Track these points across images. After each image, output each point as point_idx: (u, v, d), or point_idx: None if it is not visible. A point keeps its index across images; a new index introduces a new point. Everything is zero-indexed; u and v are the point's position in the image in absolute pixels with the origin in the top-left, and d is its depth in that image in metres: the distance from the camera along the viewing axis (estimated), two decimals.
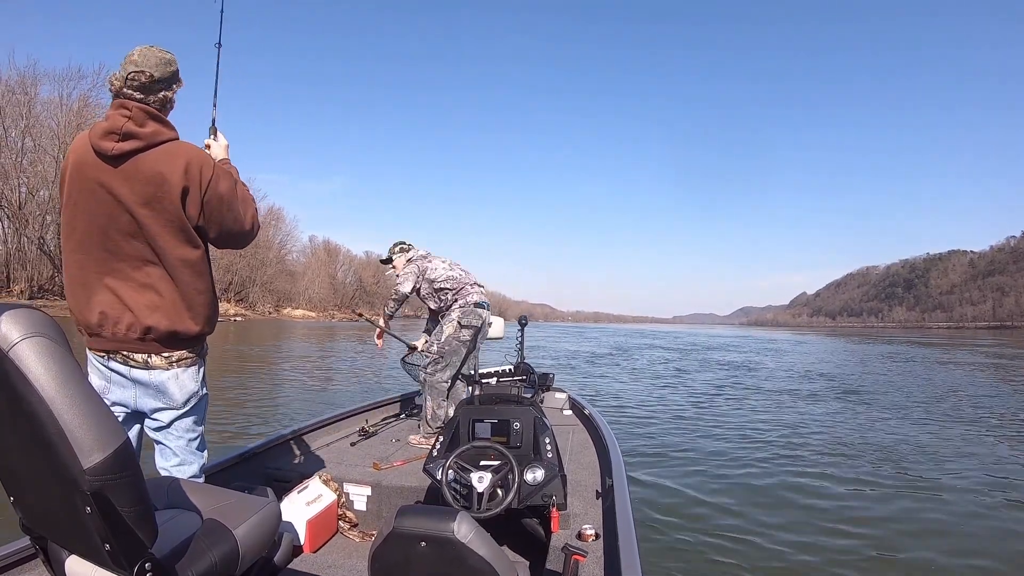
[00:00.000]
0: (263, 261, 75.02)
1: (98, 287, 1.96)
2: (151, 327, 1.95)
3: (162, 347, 2.00)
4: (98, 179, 1.90)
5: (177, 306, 1.98)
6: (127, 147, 1.89)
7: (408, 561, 1.59)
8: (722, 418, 8.97)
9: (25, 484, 1.31)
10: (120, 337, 1.96)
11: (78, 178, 1.94)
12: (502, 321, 4.20)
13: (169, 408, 2.06)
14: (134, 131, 1.89)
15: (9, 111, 45.15)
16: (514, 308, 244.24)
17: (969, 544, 4.12)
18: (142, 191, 1.90)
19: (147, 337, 1.96)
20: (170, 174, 1.91)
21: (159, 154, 1.93)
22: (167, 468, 2.11)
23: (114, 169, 1.90)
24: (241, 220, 2.10)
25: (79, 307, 1.98)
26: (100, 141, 1.88)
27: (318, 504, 2.87)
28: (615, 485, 2.77)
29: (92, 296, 1.96)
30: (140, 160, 1.91)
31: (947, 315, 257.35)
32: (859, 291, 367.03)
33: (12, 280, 43.88)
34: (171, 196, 1.92)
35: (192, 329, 2.03)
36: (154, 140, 1.93)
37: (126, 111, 1.91)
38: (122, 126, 1.88)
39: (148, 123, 1.93)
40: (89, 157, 1.91)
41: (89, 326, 1.97)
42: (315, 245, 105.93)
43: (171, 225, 1.94)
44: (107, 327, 1.95)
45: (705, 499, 4.92)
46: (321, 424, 4.19)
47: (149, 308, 1.95)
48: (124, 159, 1.89)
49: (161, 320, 1.96)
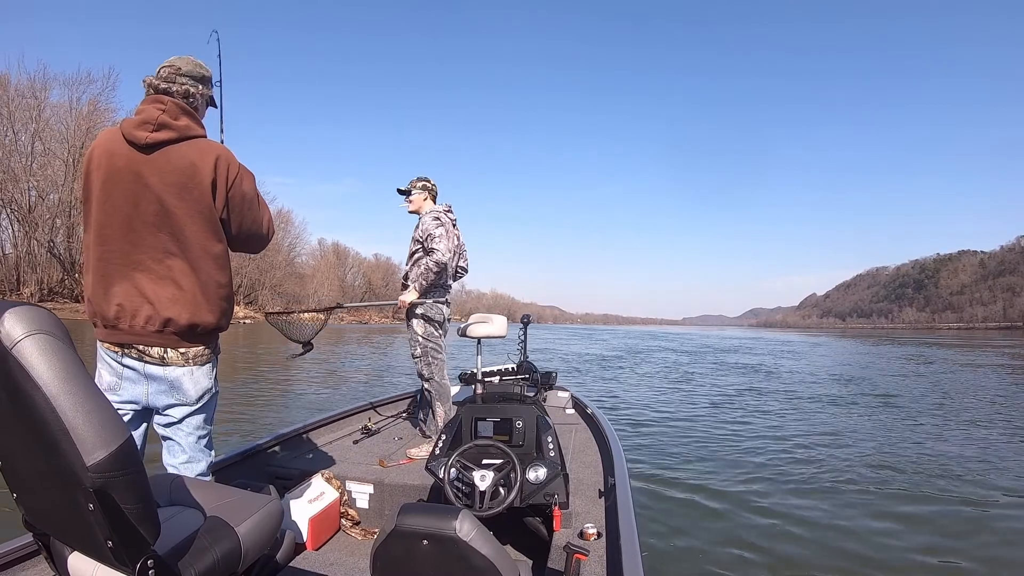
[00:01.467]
0: (272, 264, 75.46)
1: (118, 279, 1.97)
2: (171, 319, 1.97)
3: (180, 341, 2.01)
4: (129, 168, 1.95)
5: (197, 299, 2.00)
6: (161, 137, 1.95)
7: (410, 559, 1.60)
8: (727, 419, 8.94)
9: (28, 481, 1.31)
10: (137, 330, 1.97)
11: (107, 167, 1.97)
12: (505, 320, 4.18)
13: (182, 404, 2.07)
14: (168, 122, 1.97)
15: (19, 115, 45.70)
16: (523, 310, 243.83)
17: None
18: (174, 180, 1.94)
19: (166, 330, 1.98)
20: (202, 165, 1.97)
21: (190, 146, 1.99)
22: (175, 465, 2.11)
23: (146, 157, 1.95)
24: (259, 222, 2.17)
25: (97, 298, 2.00)
26: (134, 130, 1.95)
27: (320, 502, 2.88)
28: (617, 484, 2.77)
29: (111, 287, 1.98)
30: (172, 150, 1.97)
31: (957, 316, 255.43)
32: (869, 292, 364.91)
33: (22, 283, 44.28)
34: (202, 187, 1.96)
35: (210, 323, 2.05)
36: (186, 133, 2.00)
37: (161, 105, 1.99)
38: (157, 117, 1.96)
39: (181, 117, 2.01)
40: (120, 147, 1.97)
41: (106, 318, 1.99)
42: (324, 248, 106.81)
43: (200, 216, 1.98)
44: (124, 320, 1.97)
45: (707, 499, 4.90)
46: (324, 422, 4.20)
47: (170, 300, 1.97)
48: (156, 148, 1.96)
49: (182, 312, 1.97)
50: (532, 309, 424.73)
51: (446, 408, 3.86)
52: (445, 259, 3.77)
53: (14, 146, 45.56)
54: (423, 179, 4.07)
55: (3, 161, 44.27)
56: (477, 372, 4.26)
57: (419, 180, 4.06)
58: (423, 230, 3.88)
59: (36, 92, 47.23)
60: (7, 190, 44.44)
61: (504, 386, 3.45)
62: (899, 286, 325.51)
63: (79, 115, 47.65)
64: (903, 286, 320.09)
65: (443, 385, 3.94)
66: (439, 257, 3.74)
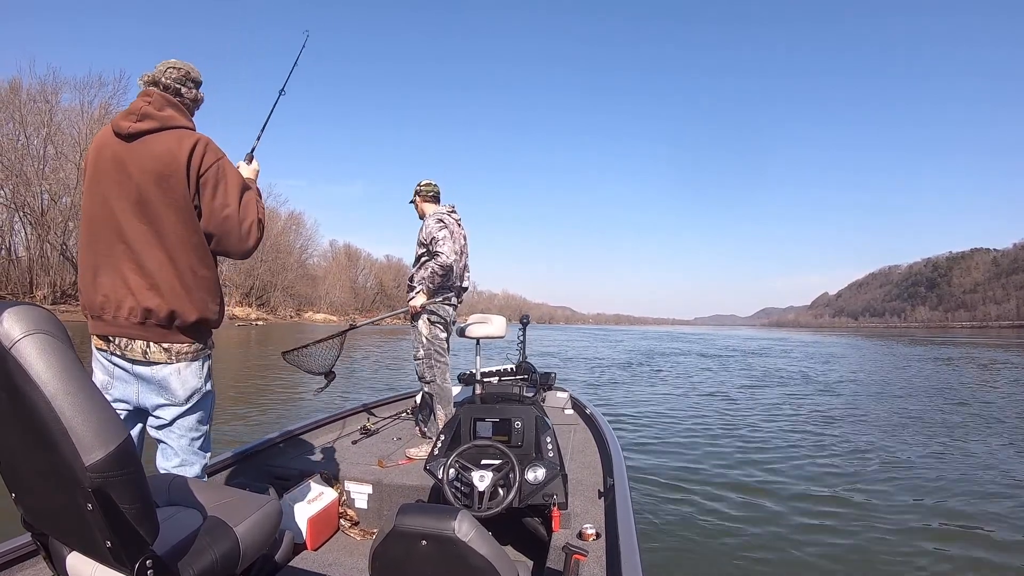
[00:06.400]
0: (284, 265, 75.90)
1: (104, 269, 2.00)
2: (151, 310, 1.96)
3: (163, 334, 2.00)
4: (115, 159, 2.00)
5: (176, 289, 1.99)
6: (143, 126, 2.00)
7: (409, 559, 1.60)
8: (729, 420, 8.88)
9: (27, 481, 1.31)
10: (121, 322, 1.98)
11: (95, 160, 2.04)
12: (503, 320, 4.18)
13: (171, 404, 2.06)
14: (151, 113, 2.02)
15: (31, 119, 46.11)
16: (535, 311, 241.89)
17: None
18: (153, 168, 1.97)
19: (148, 322, 1.97)
20: (179, 152, 1.99)
21: (171, 135, 2.02)
22: (168, 468, 2.10)
23: (129, 147, 2.00)
24: (229, 206, 2.05)
25: (85, 289, 2.03)
26: (120, 121, 2.02)
27: (319, 502, 2.90)
28: (616, 484, 2.76)
29: (97, 278, 2.00)
30: (153, 139, 2.00)
31: (970, 314, 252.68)
32: (881, 291, 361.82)
33: (35, 285, 44.66)
34: (179, 175, 1.98)
35: (190, 314, 2.02)
36: (168, 123, 2.04)
37: (148, 97, 2.06)
38: (141, 108, 2.02)
39: (166, 108, 2.06)
40: (109, 140, 2.04)
41: (92, 308, 2.01)
42: (335, 249, 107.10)
43: (177, 205, 1.99)
44: (108, 310, 1.98)
45: (707, 499, 4.89)
46: (323, 422, 4.21)
47: (149, 291, 1.97)
48: (139, 137, 2.00)
49: (161, 303, 1.97)
50: (544, 310, 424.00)
51: (447, 411, 3.85)
52: (450, 261, 3.80)
53: (26, 150, 46.01)
54: (423, 183, 4.15)
55: (16, 165, 44.70)
56: (476, 372, 4.26)
57: (420, 184, 4.15)
58: (427, 233, 3.91)
59: (47, 96, 47.73)
60: (20, 193, 44.87)
61: (503, 387, 3.45)
62: (912, 285, 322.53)
63: (90, 118, 47.96)
64: (916, 285, 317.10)
65: (445, 388, 3.94)
66: (443, 260, 3.78)
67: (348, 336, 3.39)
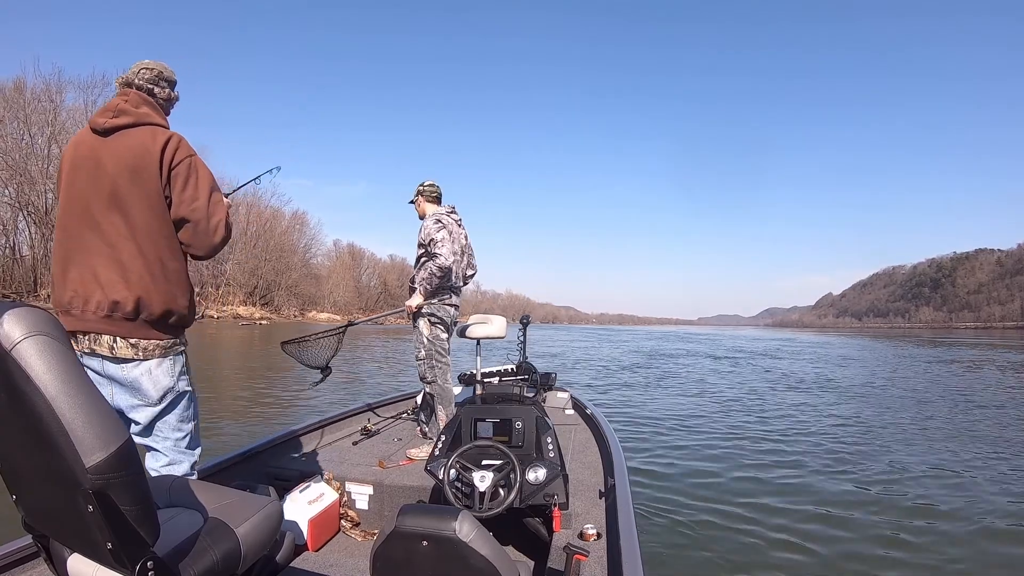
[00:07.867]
0: (288, 265, 76.03)
1: (75, 263, 2.01)
2: (118, 303, 1.96)
3: (129, 328, 1.98)
4: (91, 154, 2.03)
5: (144, 282, 1.99)
6: (119, 122, 2.05)
7: (410, 560, 1.60)
8: (731, 421, 8.84)
9: (27, 482, 1.31)
10: (88, 317, 1.97)
11: (72, 156, 2.08)
12: (504, 320, 4.17)
13: (145, 405, 2.05)
14: (127, 109, 2.08)
15: (35, 119, 46.27)
16: (539, 311, 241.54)
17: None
18: (126, 162, 2.00)
19: (114, 315, 1.97)
20: (152, 147, 2.02)
21: (145, 130, 2.06)
22: (156, 469, 2.09)
23: (104, 141, 2.04)
24: (198, 199, 2.07)
25: (57, 283, 2.04)
26: (96, 118, 2.08)
27: (320, 503, 2.89)
28: (617, 485, 2.76)
29: (67, 273, 2.02)
30: (127, 134, 2.04)
31: (975, 315, 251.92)
32: (885, 291, 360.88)
33: (39, 284, 44.80)
34: (151, 168, 2.01)
35: (157, 305, 2.01)
36: (143, 120, 2.08)
37: (124, 96, 2.13)
38: (117, 105, 2.09)
39: (142, 106, 2.12)
40: (86, 137, 2.09)
41: (60, 304, 2.02)
42: (339, 249, 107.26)
43: (148, 199, 2.01)
44: (76, 305, 1.98)
45: (708, 499, 4.87)
46: (323, 423, 4.21)
47: (118, 283, 1.97)
48: (114, 132, 2.04)
49: (128, 296, 1.96)
50: (548, 310, 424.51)
51: (448, 412, 3.85)
52: (448, 262, 3.81)
53: (31, 149, 46.26)
54: (426, 183, 4.16)
55: (20, 164, 44.95)
56: (477, 373, 4.26)
57: (422, 184, 4.16)
58: (425, 234, 3.92)
59: (52, 95, 48.07)
60: (24, 193, 45.08)
61: (504, 387, 3.45)
62: (916, 285, 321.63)
63: None
64: (920, 285, 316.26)
65: (446, 389, 3.94)
66: (441, 261, 3.78)
67: (348, 334, 3.41)
